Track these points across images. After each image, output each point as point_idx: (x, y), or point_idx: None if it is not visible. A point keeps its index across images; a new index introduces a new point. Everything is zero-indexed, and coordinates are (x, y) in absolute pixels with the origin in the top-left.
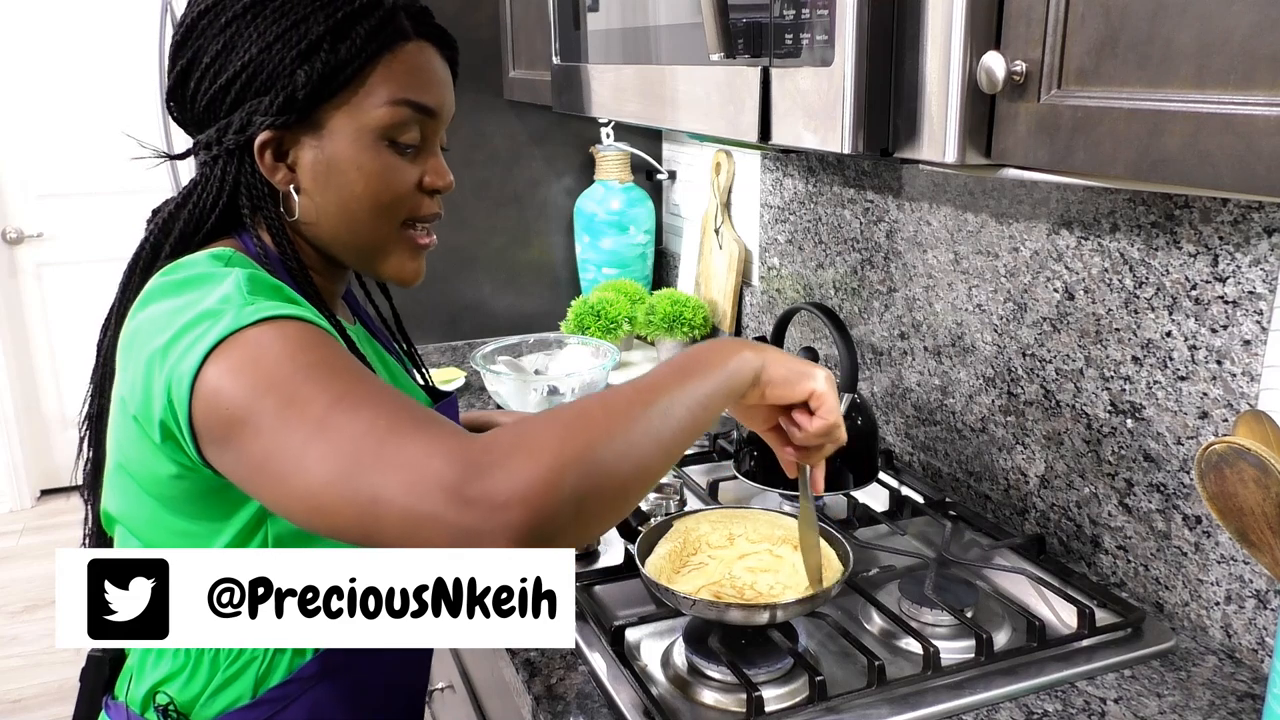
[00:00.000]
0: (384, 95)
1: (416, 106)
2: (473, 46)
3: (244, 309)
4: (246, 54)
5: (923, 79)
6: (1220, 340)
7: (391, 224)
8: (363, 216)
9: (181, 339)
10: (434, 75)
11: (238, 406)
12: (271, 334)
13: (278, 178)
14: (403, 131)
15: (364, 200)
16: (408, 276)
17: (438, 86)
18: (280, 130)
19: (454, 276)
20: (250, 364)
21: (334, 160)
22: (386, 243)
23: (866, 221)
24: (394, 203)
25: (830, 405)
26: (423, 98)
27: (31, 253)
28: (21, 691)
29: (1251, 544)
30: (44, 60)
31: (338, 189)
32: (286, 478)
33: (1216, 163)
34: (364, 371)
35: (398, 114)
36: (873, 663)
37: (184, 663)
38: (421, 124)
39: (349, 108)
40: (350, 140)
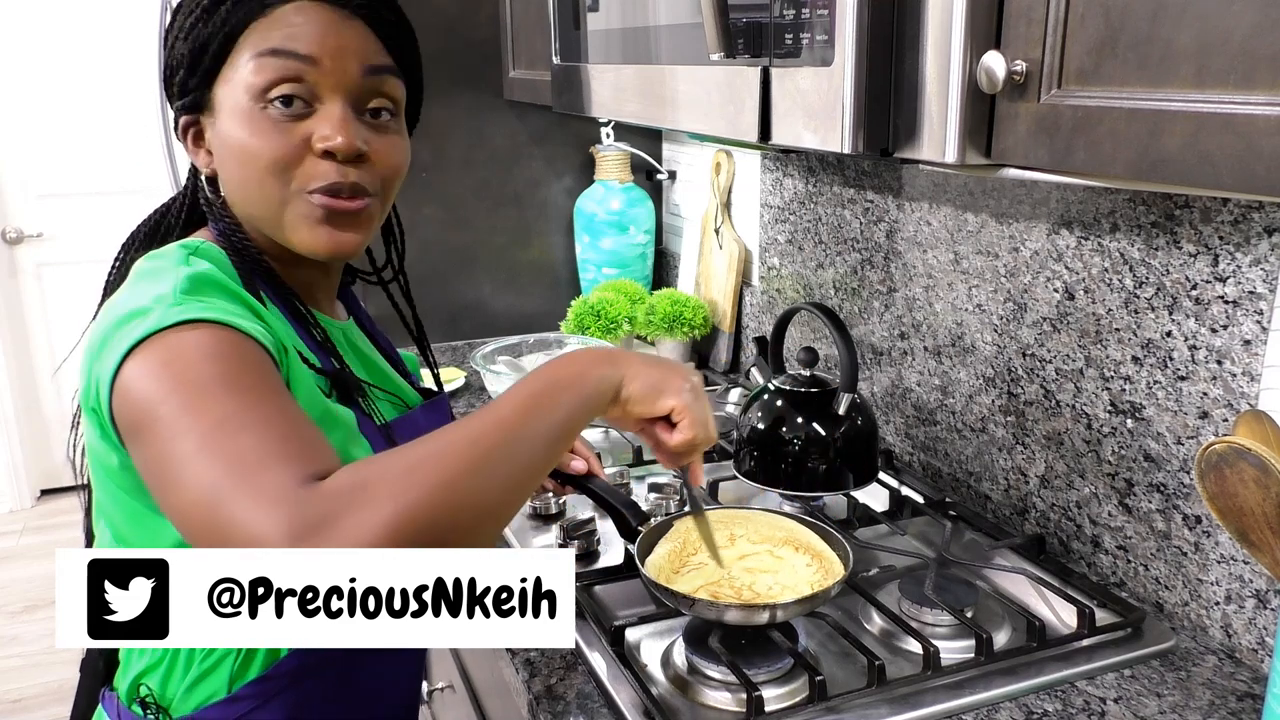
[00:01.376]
0: (249, 53)
1: (283, 54)
2: (473, 46)
3: (169, 309)
4: (170, 46)
5: (923, 79)
6: (1220, 340)
7: (281, 190)
8: (250, 185)
9: (113, 334)
10: (313, 25)
11: (145, 405)
12: (189, 337)
13: (200, 160)
14: (277, 86)
15: (249, 168)
16: (319, 247)
17: (320, 35)
18: (191, 113)
19: (454, 276)
20: (162, 365)
21: (223, 134)
22: (283, 211)
23: (866, 221)
24: (275, 166)
25: (692, 419)
26: (290, 45)
27: (31, 253)
28: (21, 691)
29: (1251, 544)
30: (44, 60)
31: (229, 162)
32: (169, 488)
33: (1216, 163)
34: (267, 388)
35: (263, 68)
36: (873, 663)
37: (162, 655)
38: (303, 75)
39: (226, 79)
40: (231, 110)
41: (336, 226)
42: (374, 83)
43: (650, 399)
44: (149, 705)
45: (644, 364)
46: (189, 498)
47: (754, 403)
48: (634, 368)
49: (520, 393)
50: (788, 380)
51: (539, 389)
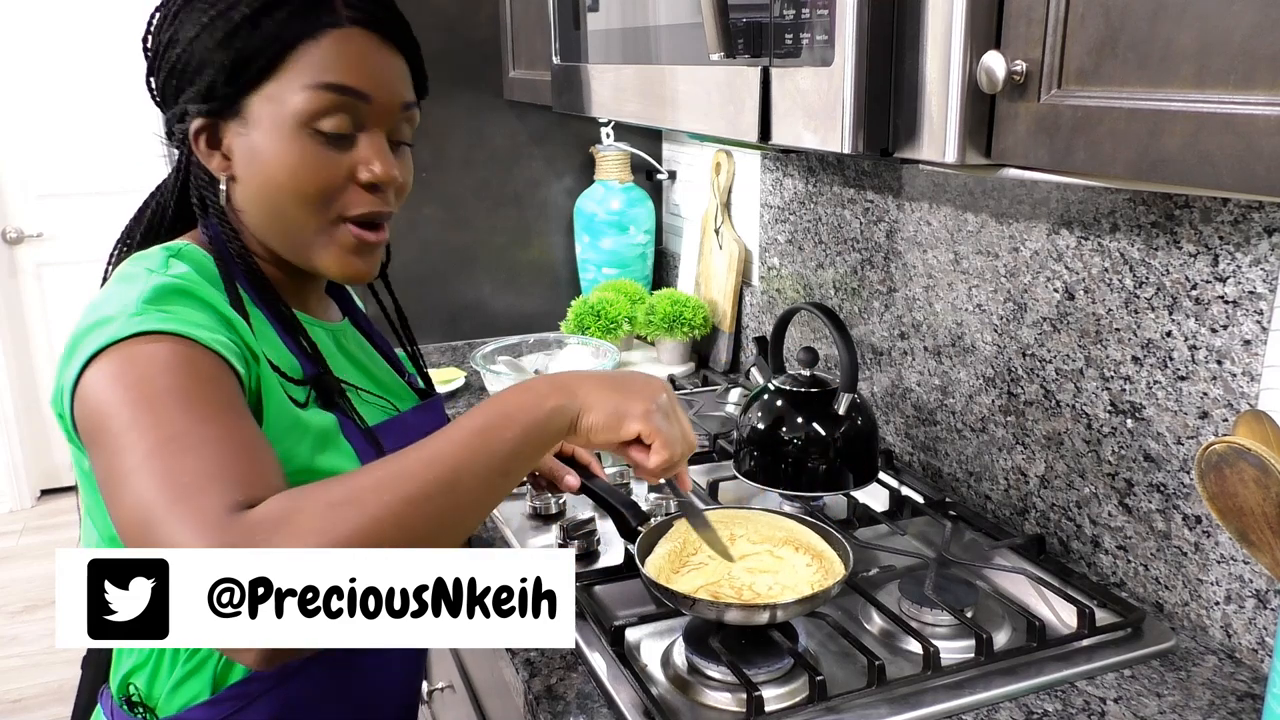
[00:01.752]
0: (304, 80)
1: (340, 89)
2: (473, 46)
3: (129, 319)
4: (184, 42)
5: (923, 79)
6: (1220, 340)
7: (318, 218)
8: (286, 208)
9: (79, 342)
10: (365, 59)
11: (98, 414)
12: (145, 350)
13: (214, 165)
14: (326, 119)
15: (287, 191)
16: (350, 273)
17: (370, 71)
18: (211, 118)
19: (454, 276)
20: (115, 377)
21: (257, 149)
22: (316, 237)
23: (866, 221)
24: (319, 195)
25: (663, 439)
26: (348, 80)
27: (31, 253)
28: (21, 691)
29: (1251, 544)
30: (44, 60)
31: (262, 178)
32: (111, 501)
33: (1216, 163)
34: (217, 406)
35: (318, 99)
36: (873, 663)
37: (148, 655)
38: (353, 111)
39: (270, 94)
40: (271, 127)
41: (364, 255)
42: (406, 116)
43: (611, 427)
44: (136, 704)
45: (604, 389)
46: (127, 513)
47: (754, 403)
48: (592, 395)
49: (465, 426)
50: (788, 380)
51: (485, 423)
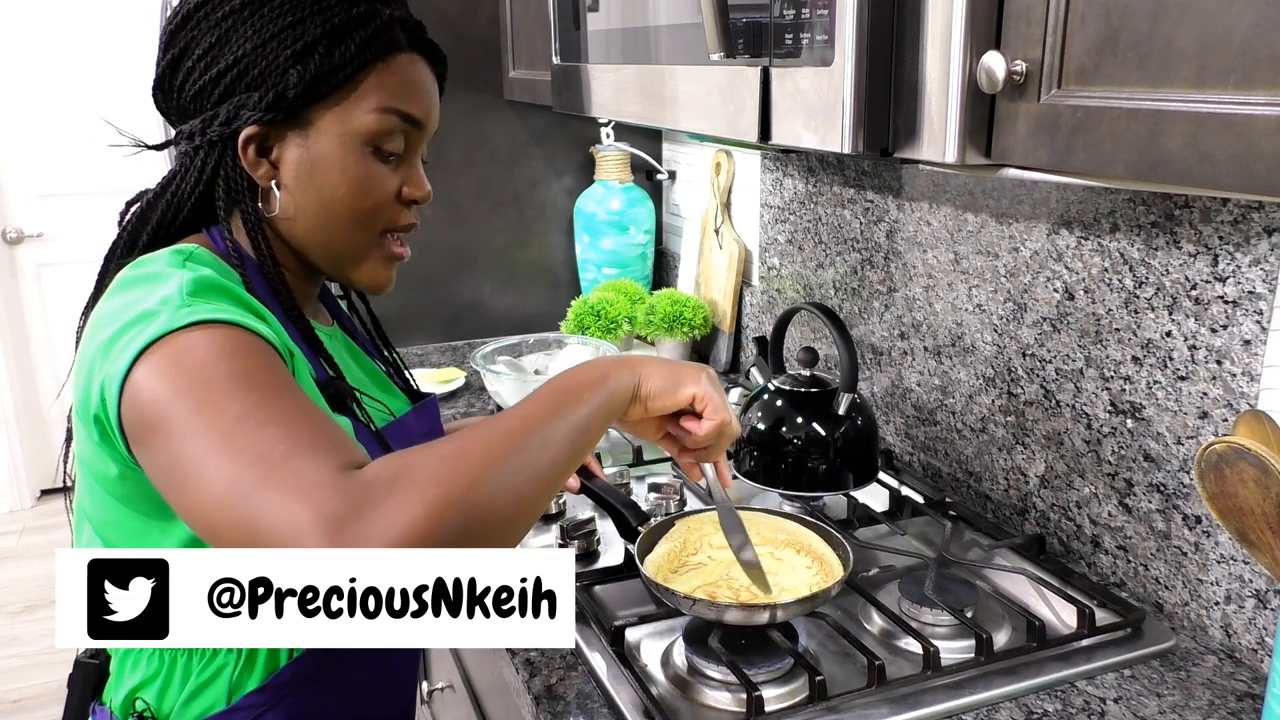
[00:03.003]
0: (374, 102)
1: (404, 116)
2: (473, 46)
3: (179, 311)
4: (240, 48)
5: (923, 79)
6: (1220, 340)
7: (369, 231)
8: (341, 220)
9: (119, 339)
10: (423, 88)
11: (155, 407)
12: (200, 338)
13: (259, 173)
14: (388, 140)
15: (344, 203)
16: (380, 284)
17: (426, 99)
18: (267, 126)
19: (454, 276)
20: (173, 366)
21: (318, 161)
22: (362, 249)
23: (866, 221)
24: (373, 209)
25: (715, 404)
26: (411, 108)
27: (31, 253)
28: (21, 691)
29: (1251, 544)
30: (44, 60)
31: (319, 189)
32: (186, 487)
33: (1216, 163)
34: (284, 385)
35: (385, 122)
36: (873, 663)
37: (159, 668)
38: (406, 134)
39: (339, 110)
40: (336, 142)
41: (391, 268)
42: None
43: (669, 391)
44: (145, 719)
45: (659, 363)
46: (210, 495)
47: (754, 403)
48: (649, 367)
49: (545, 392)
50: (788, 380)
51: (562, 390)
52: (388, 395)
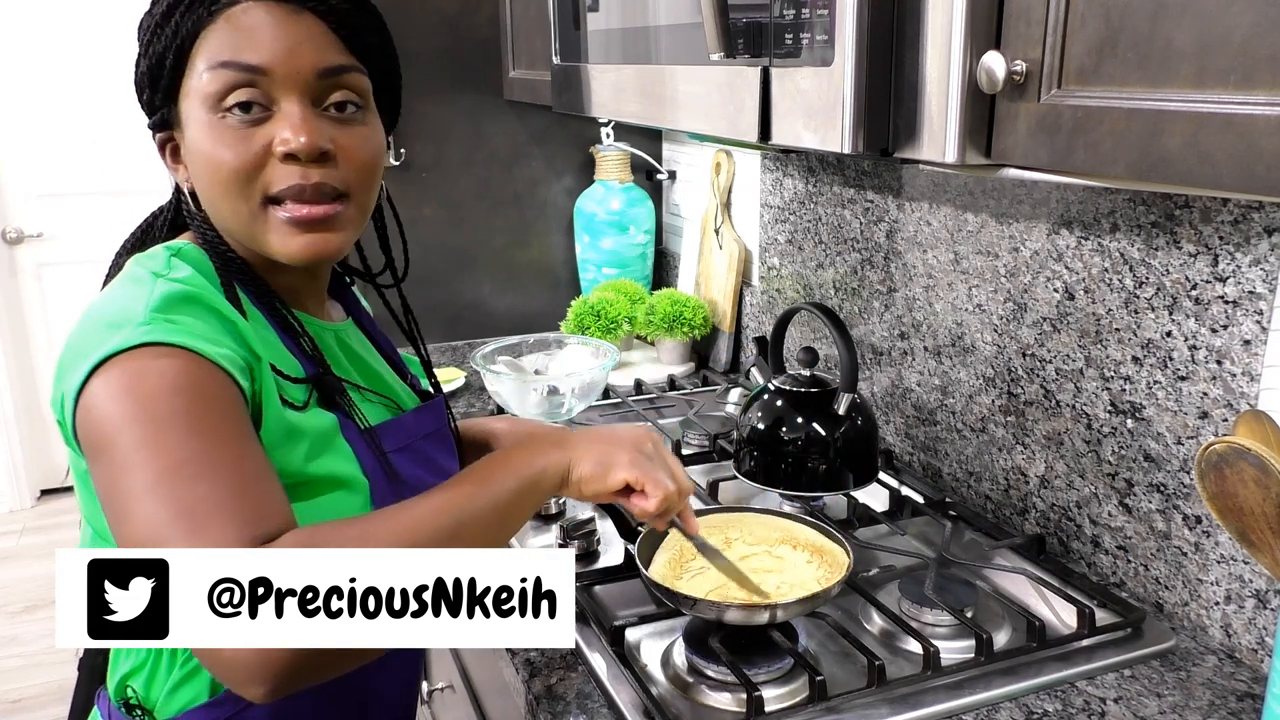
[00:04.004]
0: (206, 63)
1: (234, 65)
2: (473, 46)
3: (139, 328)
4: (135, 68)
5: (923, 79)
6: (1220, 340)
7: (247, 200)
8: (216, 198)
9: (81, 349)
10: (263, 30)
11: (103, 430)
12: (154, 365)
13: (179, 175)
14: (229, 95)
15: (209, 179)
16: (293, 254)
17: (270, 41)
18: (164, 130)
19: (454, 276)
20: (124, 391)
21: (191, 148)
22: (248, 221)
23: (866, 221)
24: (235, 176)
25: (654, 481)
26: (243, 55)
27: (31, 253)
28: (21, 691)
29: (1251, 544)
30: (44, 60)
31: (201, 176)
32: (119, 518)
33: (1217, 163)
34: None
35: (216, 78)
36: (873, 663)
37: (146, 657)
38: (256, 85)
39: (186, 92)
40: (194, 123)
41: (310, 231)
42: (334, 82)
43: (599, 478)
44: (134, 707)
45: (591, 442)
46: (137, 535)
47: (754, 403)
48: (579, 449)
49: (468, 478)
50: (788, 380)
51: (486, 475)
52: (397, 395)
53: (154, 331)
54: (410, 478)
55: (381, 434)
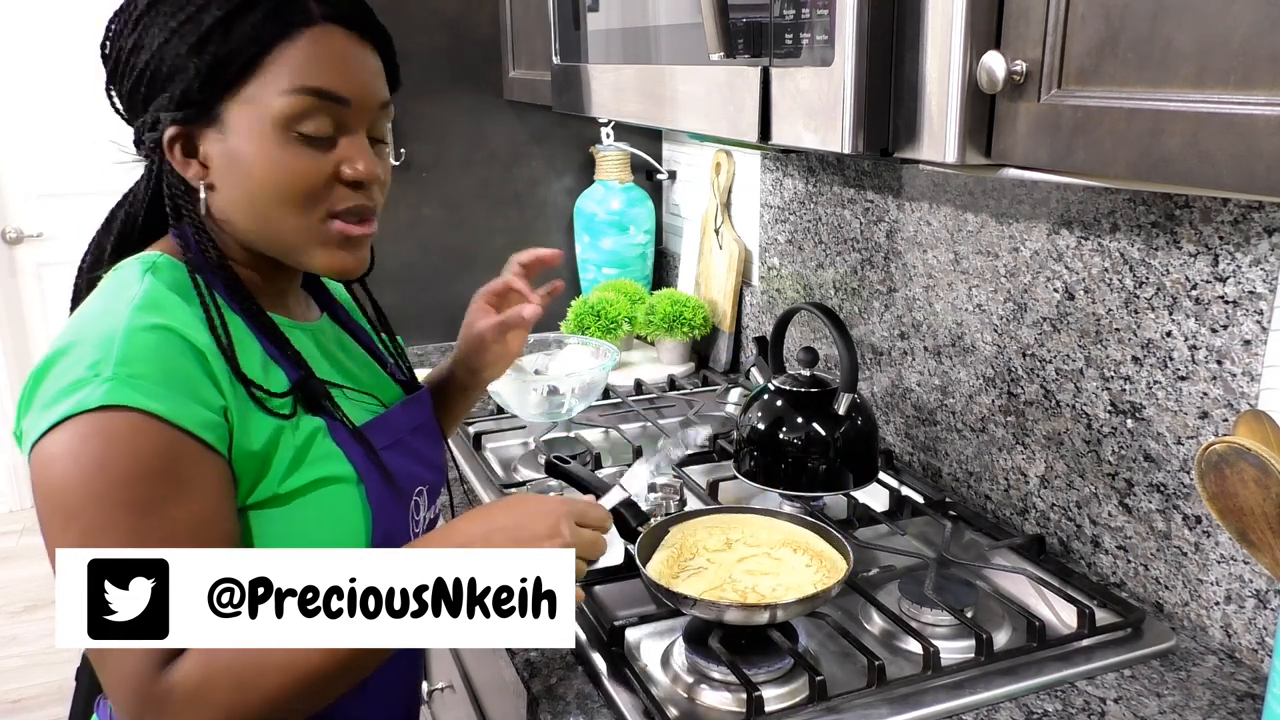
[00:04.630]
0: (283, 84)
1: (320, 94)
2: (473, 46)
3: (102, 384)
4: (151, 49)
5: (923, 79)
6: (1220, 340)
7: (307, 217)
8: (271, 211)
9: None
10: (345, 60)
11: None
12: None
13: (190, 173)
14: (307, 122)
15: (269, 194)
16: (342, 268)
17: (349, 71)
18: (186, 125)
19: (454, 276)
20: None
21: (236, 154)
22: (304, 236)
23: (866, 221)
24: (304, 195)
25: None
26: (328, 84)
27: (31, 253)
28: (21, 691)
29: (1251, 544)
30: (44, 60)
31: (243, 183)
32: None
33: (1217, 163)
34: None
35: (298, 103)
36: (873, 663)
37: None
38: (332, 113)
39: (247, 98)
40: (251, 132)
41: (352, 250)
42: (384, 113)
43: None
44: None
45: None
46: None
47: (754, 403)
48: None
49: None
50: (788, 380)
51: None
52: (380, 387)
53: (118, 392)
54: (401, 471)
55: (370, 432)
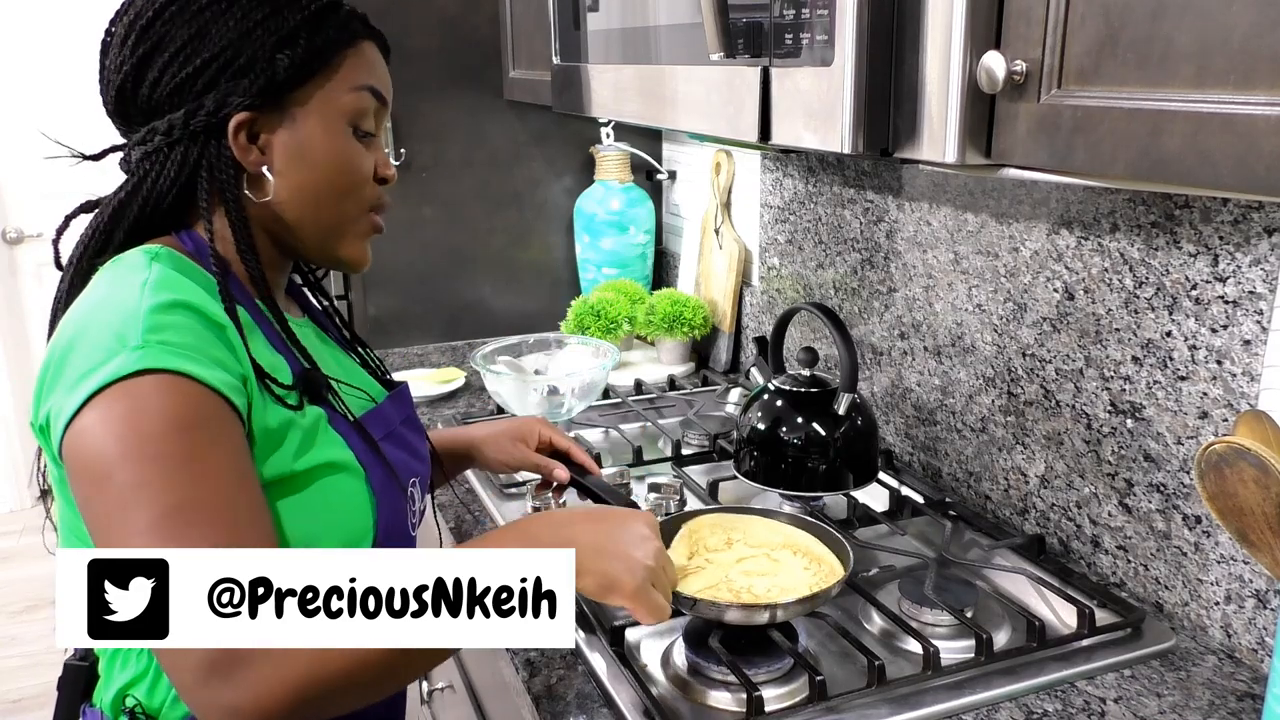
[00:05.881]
0: (352, 82)
1: (377, 94)
2: (473, 46)
3: (132, 353)
4: (223, 39)
5: (923, 79)
6: (1220, 340)
7: (356, 207)
8: (330, 199)
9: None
10: (380, 68)
11: (98, 463)
12: (152, 396)
13: (250, 159)
14: (365, 118)
15: (335, 182)
16: (361, 260)
17: (386, 79)
18: (255, 112)
19: (454, 276)
20: (121, 423)
21: (306, 142)
22: (348, 226)
23: (866, 221)
24: (358, 186)
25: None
26: (379, 85)
27: (31, 253)
28: (21, 691)
29: (1251, 544)
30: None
31: (309, 171)
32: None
33: (1216, 163)
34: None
35: (363, 99)
36: (873, 663)
37: (148, 666)
38: (377, 113)
39: (322, 93)
40: (322, 123)
41: (369, 243)
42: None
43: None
44: (137, 716)
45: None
46: None
47: (754, 403)
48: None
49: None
50: (788, 380)
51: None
52: (365, 383)
53: (149, 356)
54: (398, 463)
55: (368, 423)
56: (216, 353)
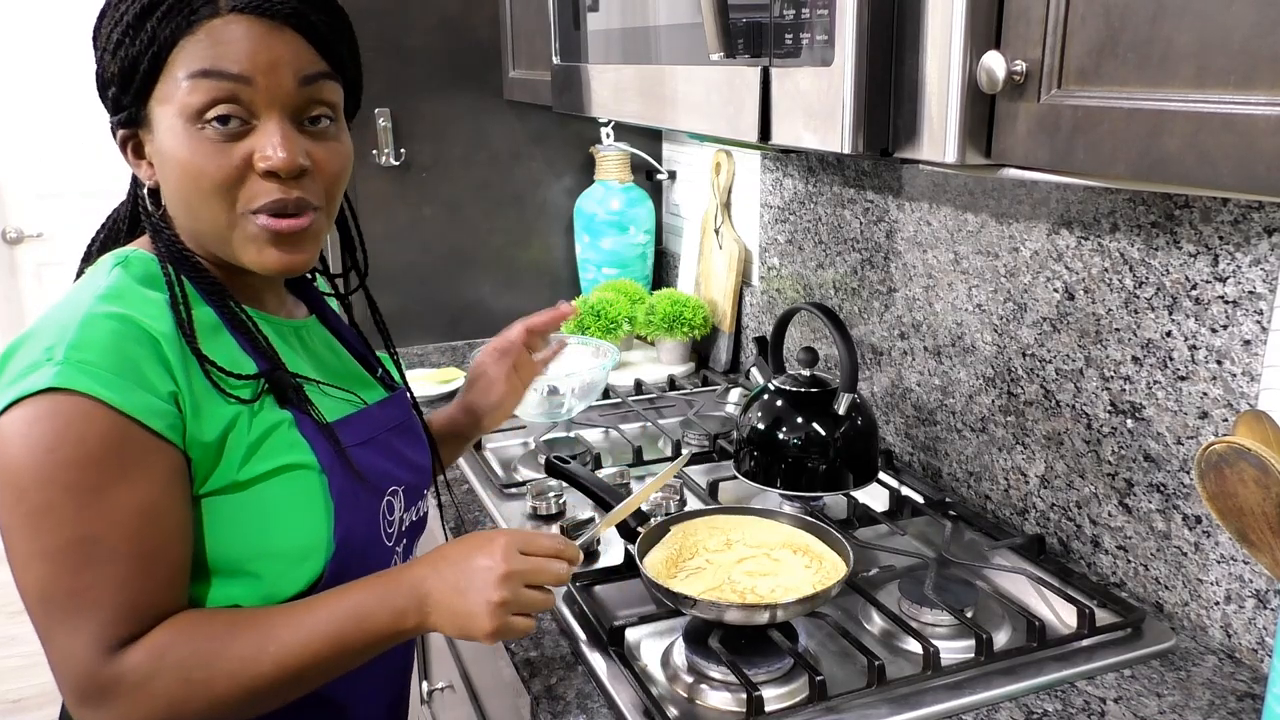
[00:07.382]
0: (186, 70)
1: (215, 75)
2: (473, 46)
3: (52, 367)
4: (97, 59)
5: (923, 79)
6: (1220, 340)
7: (227, 212)
8: (194, 206)
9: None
10: (245, 43)
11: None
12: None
13: (142, 172)
14: (210, 107)
15: (188, 189)
16: (267, 265)
17: (252, 52)
18: (129, 128)
19: (454, 276)
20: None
21: (162, 151)
22: (230, 232)
23: (866, 221)
24: (217, 189)
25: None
26: (222, 65)
27: (31, 253)
28: (21, 691)
29: (1251, 544)
30: (44, 61)
31: (168, 179)
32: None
33: (1217, 163)
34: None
35: (197, 89)
36: (873, 663)
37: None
38: (237, 94)
39: (160, 97)
40: (168, 128)
41: (284, 246)
42: (310, 91)
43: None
44: None
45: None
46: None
47: (754, 403)
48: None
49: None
50: (788, 380)
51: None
52: (364, 389)
53: (64, 375)
54: (374, 469)
55: (344, 427)
56: (145, 372)
